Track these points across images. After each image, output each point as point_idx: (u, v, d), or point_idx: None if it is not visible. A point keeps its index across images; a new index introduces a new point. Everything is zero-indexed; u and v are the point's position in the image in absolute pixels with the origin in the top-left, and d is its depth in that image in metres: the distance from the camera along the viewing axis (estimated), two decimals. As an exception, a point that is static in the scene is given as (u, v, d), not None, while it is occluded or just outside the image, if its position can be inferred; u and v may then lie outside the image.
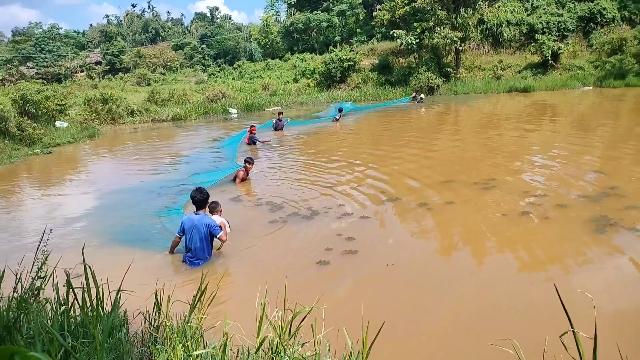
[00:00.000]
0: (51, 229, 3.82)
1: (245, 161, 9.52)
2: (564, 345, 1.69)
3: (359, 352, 2.45)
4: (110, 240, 6.54)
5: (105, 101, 23.18)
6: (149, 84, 42.84)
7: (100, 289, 2.78)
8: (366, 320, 2.53)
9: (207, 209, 5.83)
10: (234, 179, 9.40)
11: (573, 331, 1.56)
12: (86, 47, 70.49)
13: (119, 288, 2.76)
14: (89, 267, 2.59)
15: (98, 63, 57.21)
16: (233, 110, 26.84)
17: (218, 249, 5.81)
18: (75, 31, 79.01)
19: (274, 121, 17.53)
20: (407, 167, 9.91)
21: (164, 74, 50.92)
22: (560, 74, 28.87)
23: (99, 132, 19.67)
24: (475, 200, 7.37)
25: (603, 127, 14.10)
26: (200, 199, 5.62)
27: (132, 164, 13.12)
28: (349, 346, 2.49)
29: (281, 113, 17.90)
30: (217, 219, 5.81)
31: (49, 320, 2.83)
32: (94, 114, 22.64)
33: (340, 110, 19.68)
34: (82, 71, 54.16)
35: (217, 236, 5.56)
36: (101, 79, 47.27)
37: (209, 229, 5.49)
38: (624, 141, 11.58)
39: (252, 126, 14.62)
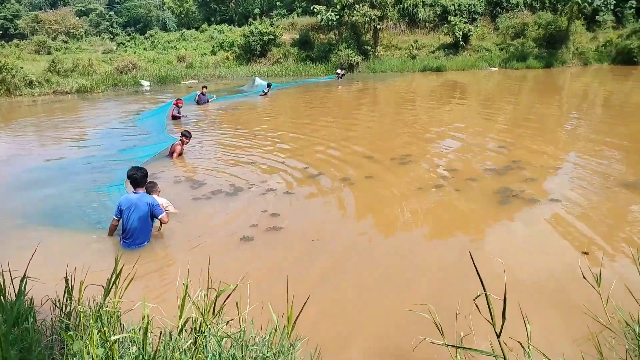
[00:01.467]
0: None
1: (182, 135, 9.28)
2: (477, 307, 1.83)
3: (284, 326, 2.48)
4: (28, 221, 5.99)
5: (-2, 70, 20.89)
6: (49, 53, 39.14)
7: (1, 276, 2.54)
8: (291, 295, 2.56)
9: (145, 188, 5.50)
10: (170, 154, 9.06)
11: (485, 294, 1.68)
12: (-28, 8, 62.45)
13: (24, 275, 2.54)
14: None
15: (-13, 27, 51.10)
16: (145, 83, 25.39)
17: (158, 231, 5.53)
18: (-43, -11, 69.57)
19: (197, 94, 17.05)
20: (329, 143, 10.04)
21: (66, 42, 46.71)
22: (469, 54, 30.53)
23: (-9, 104, 17.71)
24: (393, 174, 7.68)
25: (507, 105, 15.23)
26: (139, 177, 5.25)
27: (35, 141, 11.98)
28: (274, 321, 2.52)
29: (205, 87, 17.43)
30: (157, 199, 5.52)
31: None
32: (-15, 85, 20.35)
33: (269, 85, 19.78)
34: (-33, 35, 48.11)
35: (159, 217, 5.25)
36: (-9, 45, 42.31)
37: (150, 209, 5.16)
38: (525, 118, 12.61)
39: (178, 99, 14.07)
